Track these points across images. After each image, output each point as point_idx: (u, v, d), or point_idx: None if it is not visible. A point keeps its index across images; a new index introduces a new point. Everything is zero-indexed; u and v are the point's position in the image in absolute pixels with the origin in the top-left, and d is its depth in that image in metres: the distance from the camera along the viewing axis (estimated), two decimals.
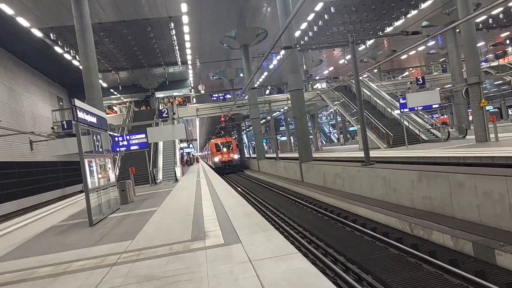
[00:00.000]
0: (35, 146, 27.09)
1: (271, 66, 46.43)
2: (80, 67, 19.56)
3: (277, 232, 6.68)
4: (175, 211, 10.69)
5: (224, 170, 42.13)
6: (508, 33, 45.87)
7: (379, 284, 6.60)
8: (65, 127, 21.96)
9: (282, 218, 13.91)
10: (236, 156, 44.11)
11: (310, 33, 35.43)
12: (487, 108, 21.52)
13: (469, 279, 6.09)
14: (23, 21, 23.68)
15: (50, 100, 34.77)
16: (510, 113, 59.42)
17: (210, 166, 44.54)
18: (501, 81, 44.07)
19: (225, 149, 43.64)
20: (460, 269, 6.53)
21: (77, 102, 10.03)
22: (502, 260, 6.42)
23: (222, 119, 41.72)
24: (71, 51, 29.31)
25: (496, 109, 59.39)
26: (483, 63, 42.19)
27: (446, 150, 16.96)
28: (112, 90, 44.25)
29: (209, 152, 49.61)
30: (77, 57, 29.28)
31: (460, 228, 7.92)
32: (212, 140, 46.53)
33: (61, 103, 37.96)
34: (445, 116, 58.16)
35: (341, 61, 49.68)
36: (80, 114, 10.14)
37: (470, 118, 29.31)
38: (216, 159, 43.26)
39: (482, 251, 6.87)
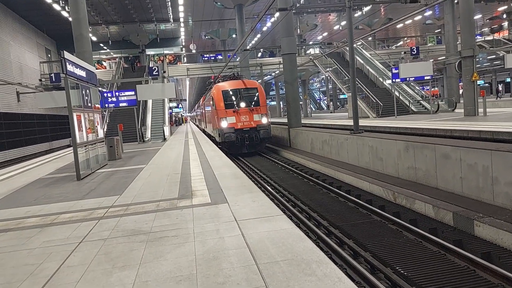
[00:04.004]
0: (22, 97, 26.65)
1: (264, 28, 45.63)
2: (70, 18, 19.00)
3: (263, 194, 6.77)
4: (162, 169, 10.74)
5: (241, 148, 21.84)
6: (506, 7, 45.42)
7: (360, 248, 6.80)
8: (53, 79, 21.64)
9: (268, 181, 14.08)
10: (265, 120, 21.86)
11: None
12: (478, 82, 21.59)
13: (447, 247, 6.30)
14: None
15: (38, 51, 33.89)
16: (500, 88, 59.73)
17: (211, 138, 24.78)
18: (494, 56, 44.02)
19: (243, 104, 21.83)
20: (439, 237, 6.74)
21: (67, 55, 9.82)
22: (480, 231, 6.63)
23: (212, 80, 40.54)
24: (61, 1, 28.38)
25: (487, 84, 59.64)
26: (478, 37, 41.96)
27: (434, 122, 17.11)
28: (101, 45, 43.26)
29: (210, 109, 25.08)
30: (66, 7, 28.37)
31: (442, 199, 8.11)
32: (218, 85, 23.38)
33: (49, 55, 37.05)
34: (435, 88, 58.30)
35: (336, 27, 49.02)
36: (70, 67, 9.95)
37: (461, 91, 29.46)
38: (224, 123, 21.36)
39: (461, 221, 7.07)
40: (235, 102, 21.73)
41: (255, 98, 22.08)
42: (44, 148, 30.60)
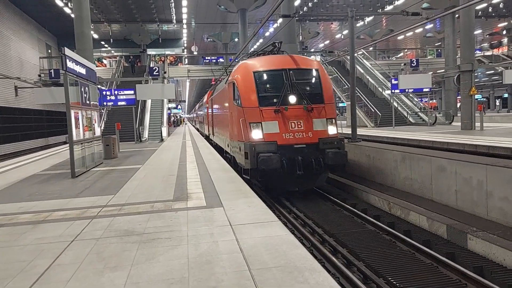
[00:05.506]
0: (20, 92, 26.58)
1: (267, 34, 45.75)
2: (72, 15, 19.02)
3: (258, 199, 6.75)
4: (158, 170, 10.71)
5: (287, 182, 10.77)
6: (506, 23, 45.78)
7: (353, 257, 6.79)
8: (53, 75, 21.59)
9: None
10: (333, 129, 11.10)
11: (310, 4, 34.88)
12: (476, 97, 21.71)
13: (439, 260, 6.30)
14: None
15: (38, 46, 33.83)
16: (497, 103, 60.07)
17: (224, 155, 14.90)
18: (492, 71, 44.31)
19: (293, 99, 10.76)
20: (432, 249, 6.74)
21: (67, 51, 9.81)
22: (473, 245, 6.63)
23: (213, 83, 40.36)
24: None
25: (485, 99, 60.03)
26: (477, 51, 42.22)
27: (432, 135, 17.16)
28: (103, 43, 43.29)
29: (226, 107, 13.39)
30: (69, 4, 28.39)
31: (436, 211, 8.12)
32: (246, 64, 11.99)
33: (49, 51, 36.98)
34: (434, 101, 58.60)
35: (338, 36, 49.23)
36: (70, 64, 9.93)
37: (458, 105, 29.59)
38: (257, 134, 10.67)
39: (455, 234, 7.08)
40: (278, 95, 10.98)
41: (315, 89, 11.54)
42: (40, 144, 30.46)
